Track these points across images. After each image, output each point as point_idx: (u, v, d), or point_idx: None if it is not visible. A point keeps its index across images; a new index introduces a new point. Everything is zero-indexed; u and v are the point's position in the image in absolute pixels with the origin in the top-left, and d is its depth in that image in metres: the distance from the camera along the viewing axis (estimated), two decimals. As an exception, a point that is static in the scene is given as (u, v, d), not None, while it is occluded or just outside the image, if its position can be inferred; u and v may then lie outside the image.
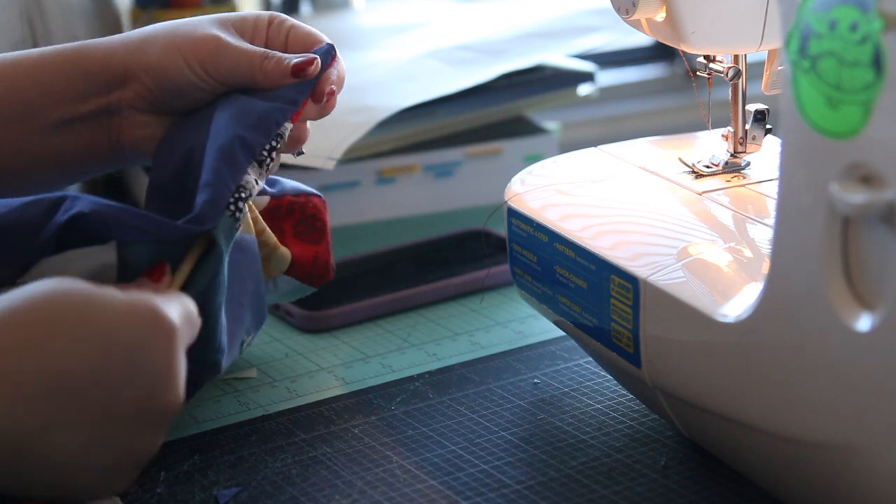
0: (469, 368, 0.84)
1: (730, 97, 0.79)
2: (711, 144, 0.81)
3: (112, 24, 1.16)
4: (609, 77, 1.44)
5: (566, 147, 0.94)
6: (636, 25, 0.79)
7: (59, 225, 0.67)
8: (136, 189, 1.11)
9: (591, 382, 0.81)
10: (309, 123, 0.79)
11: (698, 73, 0.80)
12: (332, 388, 0.82)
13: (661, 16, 0.77)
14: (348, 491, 0.71)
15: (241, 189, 0.71)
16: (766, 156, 0.80)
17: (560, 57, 1.16)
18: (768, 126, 0.79)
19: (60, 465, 0.60)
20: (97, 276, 0.67)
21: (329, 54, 0.76)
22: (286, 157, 1.03)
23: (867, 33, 0.55)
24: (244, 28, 0.76)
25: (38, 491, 0.61)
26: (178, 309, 0.63)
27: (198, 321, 0.65)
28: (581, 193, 0.79)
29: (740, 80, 0.79)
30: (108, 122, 0.76)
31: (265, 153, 0.73)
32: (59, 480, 0.61)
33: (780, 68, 0.77)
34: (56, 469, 0.60)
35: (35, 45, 1.00)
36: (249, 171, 0.72)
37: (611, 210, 0.76)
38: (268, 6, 1.39)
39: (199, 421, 0.78)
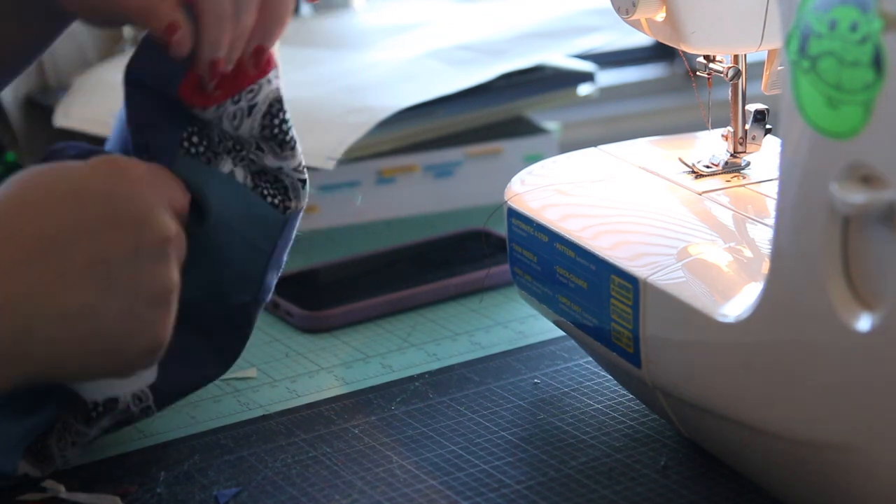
0: (469, 368, 0.84)
1: (730, 97, 0.79)
2: (711, 144, 0.81)
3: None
4: (609, 77, 1.44)
5: (566, 147, 0.94)
6: (636, 25, 0.79)
7: None
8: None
9: (591, 382, 0.81)
10: (309, 123, 0.80)
11: (698, 73, 0.80)
12: (332, 388, 0.82)
13: (661, 16, 0.77)
14: (348, 491, 0.71)
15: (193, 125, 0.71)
16: (766, 156, 0.80)
17: (560, 57, 1.16)
18: (768, 126, 0.79)
19: (80, 328, 0.62)
20: None
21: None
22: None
23: (867, 33, 0.55)
24: None
25: (79, 369, 0.65)
26: (149, 169, 0.66)
27: (166, 173, 0.68)
28: (581, 193, 0.79)
29: (740, 80, 0.79)
30: None
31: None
32: (92, 348, 0.63)
33: (780, 68, 0.77)
34: (80, 334, 0.62)
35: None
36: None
37: (611, 210, 0.76)
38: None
39: (199, 421, 0.78)
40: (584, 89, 1.17)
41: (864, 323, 0.57)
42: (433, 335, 0.89)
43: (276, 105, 0.71)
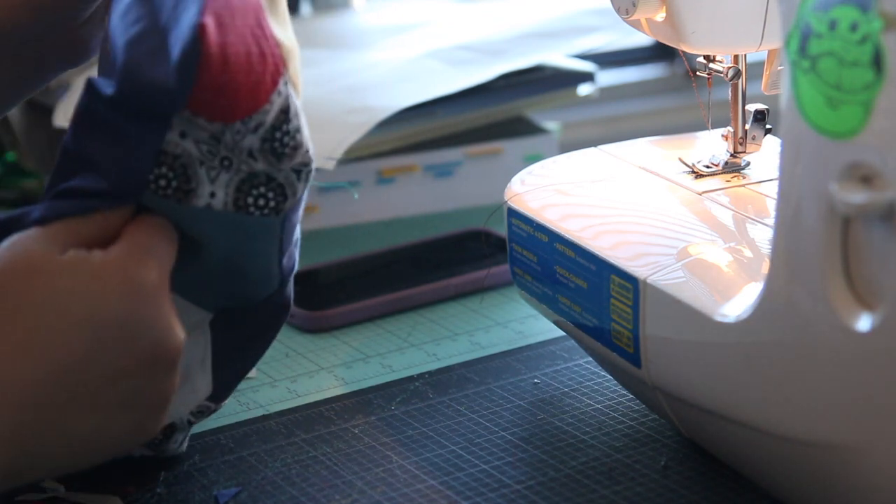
0: (469, 368, 0.84)
1: (730, 97, 0.79)
2: (711, 144, 0.81)
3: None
4: (609, 77, 1.44)
5: (566, 147, 0.94)
6: (636, 25, 0.79)
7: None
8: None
9: (591, 382, 0.81)
10: (309, 123, 0.79)
11: (698, 73, 0.80)
12: (332, 388, 0.82)
13: (661, 16, 0.77)
14: (348, 491, 0.71)
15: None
16: (766, 156, 0.80)
17: (560, 57, 1.16)
18: (768, 126, 0.79)
19: (83, 447, 0.61)
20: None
21: None
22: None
23: (867, 33, 0.55)
24: None
25: (68, 468, 0.63)
26: (152, 255, 0.62)
27: (175, 239, 0.64)
28: (581, 193, 0.79)
29: (740, 80, 0.79)
30: None
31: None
32: (84, 452, 0.62)
33: (780, 68, 0.77)
34: (80, 450, 0.61)
35: None
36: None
37: (611, 210, 0.76)
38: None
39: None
40: (584, 89, 1.17)
41: (864, 323, 0.57)
42: (433, 335, 0.89)
43: (282, 116, 0.63)
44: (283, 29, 0.64)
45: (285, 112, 0.63)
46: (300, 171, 0.66)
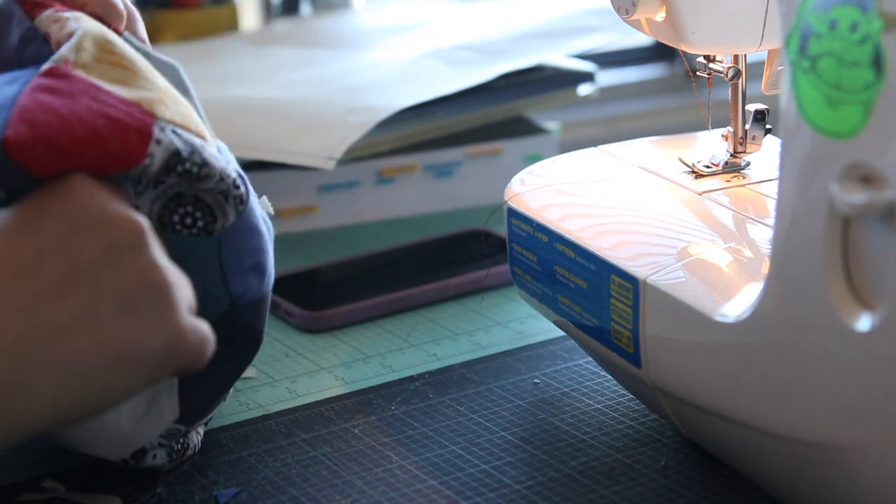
0: (469, 368, 0.84)
1: (730, 97, 0.79)
2: (711, 144, 0.81)
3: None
4: (609, 77, 1.44)
5: (566, 147, 0.94)
6: (636, 25, 0.79)
7: None
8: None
9: (591, 382, 0.81)
10: (309, 123, 0.78)
11: (698, 73, 0.80)
12: (332, 388, 0.82)
13: (661, 16, 0.77)
14: (348, 491, 0.71)
15: None
16: (766, 156, 0.80)
17: (560, 57, 1.16)
18: (768, 126, 0.79)
19: (80, 342, 0.59)
20: None
21: None
22: (283, 158, 1.03)
23: (867, 33, 0.55)
24: None
25: (104, 389, 0.60)
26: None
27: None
28: (581, 193, 0.79)
29: (740, 80, 0.79)
30: None
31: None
32: (105, 360, 0.59)
33: (780, 68, 0.77)
34: (83, 348, 0.59)
35: None
36: None
37: (611, 210, 0.76)
38: (268, 7, 1.39)
39: (199, 421, 0.78)
40: (584, 89, 1.17)
41: (864, 323, 0.57)
42: (433, 335, 0.89)
43: (174, 159, 0.65)
44: (141, 85, 0.66)
45: (177, 154, 0.65)
46: (227, 195, 0.68)
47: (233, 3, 1.32)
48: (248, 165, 1.06)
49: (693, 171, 0.79)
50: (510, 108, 1.14)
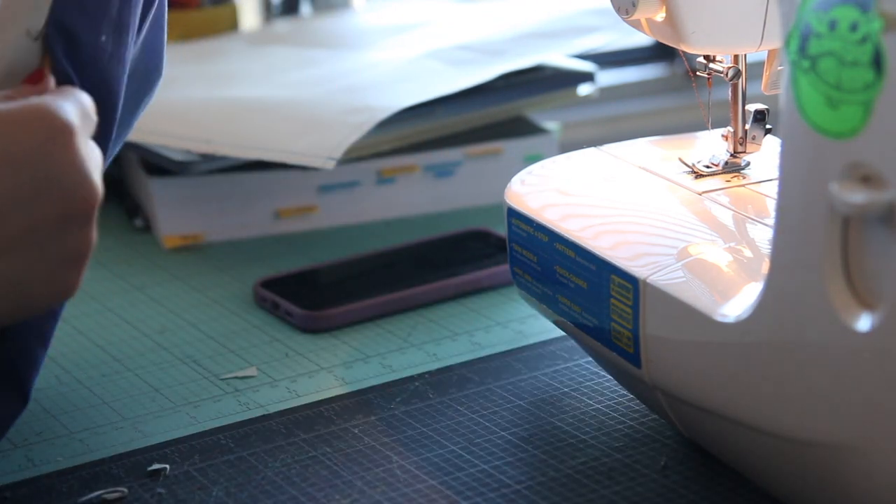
0: (469, 368, 0.84)
1: (730, 97, 0.79)
2: (711, 144, 0.81)
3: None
4: (609, 77, 1.44)
5: (566, 147, 0.94)
6: (636, 25, 0.79)
7: None
8: (135, 189, 1.11)
9: (591, 382, 0.81)
10: (309, 123, 0.78)
11: (698, 73, 0.80)
12: (332, 388, 0.82)
13: (661, 16, 0.77)
14: (348, 491, 0.71)
15: None
16: (766, 156, 0.80)
17: (560, 57, 1.16)
18: (768, 126, 0.79)
19: None
20: None
21: None
22: (283, 158, 1.03)
23: (867, 33, 0.55)
24: None
25: None
26: (72, 103, 0.63)
27: (94, 109, 0.65)
28: (581, 193, 0.79)
29: (740, 80, 0.79)
30: None
31: None
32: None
33: (780, 68, 0.77)
34: None
35: None
36: None
37: (611, 210, 0.76)
38: (268, 7, 1.39)
39: (199, 421, 0.78)
40: (584, 89, 1.17)
41: (864, 323, 0.57)
42: (433, 335, 0.89)
43: None
44: None
45: None
46: None
47: (233, 3, 1.32)
48: (249, 165, 1.06)
49: (693, 171, 0.79)
50: (510, 108, 1.14)
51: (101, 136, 0.70)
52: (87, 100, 0.65)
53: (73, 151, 0.61)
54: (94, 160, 0.63)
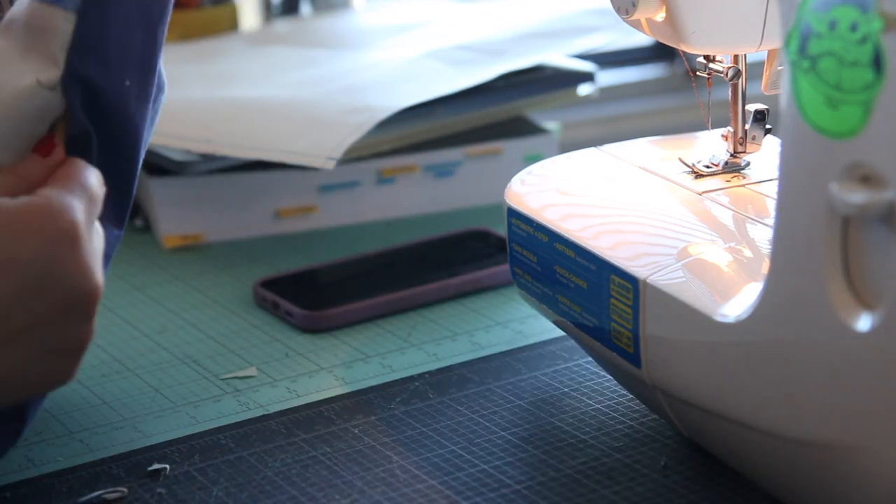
0: (469, 368, 0.84)
1: (730, 97, 0.79)
2: (711, 144, 0.81)
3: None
4: (609, 77, 1.44)
5: (566, 147, 0.94)
6: (636, 25, 0.79)
7: None
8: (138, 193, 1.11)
9: (591, 382, 0.81)
10: (309, 123, 0.78)
11: (698, 73, 0.80)
12: (332, 388, 0.82)
13: (660, 16, 0.77)
14: (348, 491, 0.71)
15: None
16: (766, 156, 0.80)
17: (560, 57, 1.16)
18: (768, 126, 0.79)
19: None
20: None
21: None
22: (283, 158, 1.03)
23: (867, 33, 0.55)
24: None
25: None
26: (79, 197, 0.62)
27: (102, 188, 0.65)
28: (581, 193, 0.79)
29: (740, 80, 0.79)
30: None
31: None
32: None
33: (780, 68, 0.77)
34: None
35: None
36: None
37: (611, 210, 0.76)
38: (268, 7, 1.39)
39: (199, 421, 0.78)
40: (584, 89, 1.17)
41: (864, 323, 0.57)
42: (433, 335, 0.89)
43: None
44: None
45: None
46: None
47: (233, 3, 1.32)
48: (249, 165, 1.06)
49: (693, 171, 0.79)
50: (510, 108, 1.14)
51: (126, 178, 0.70)
52: (94, 182, 0.64)
53: (78, 252, 0.61)
54: (97, 253, 0.63)
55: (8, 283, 0.59)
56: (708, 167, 0.79)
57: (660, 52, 1.49)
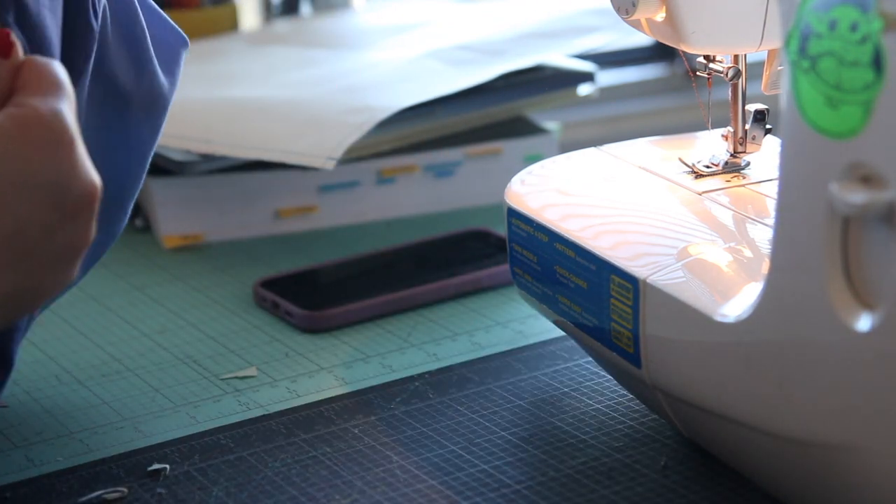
0: (469, 368, 0.84)
1: (730, 97, 0.79)
2: (711, 144, 0.81)
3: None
4: (609, 77, 1.44)
5: (566, 147, 0.94)
6: (636, 25, 0.79)
7: None
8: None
9: (591, 382, 0.81)
10: (309, 123, 0.78)
11: (698, 73, 0.80)
12: (332, 388, 0.82)
13: (660, 16, 0.77)
14: (348, 491, 0.71)
15: None
16: (766, 156, 0.80)
17: (560, 57, 1.16)
18: (768, 126, 0.79)
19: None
20: None
21: None
22: (283, 158, 1.03)
23: (867, 33, 0.55)
24: None
25: None
26: (63, 100, 0.61)
27: (69, 81, 0.63)
28: (581, 193, 0.79)
29: (740, 80, 0.79)
30: None
31: None
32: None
33: (780, 68, 0.77)
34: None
35: None
36: None
37: (611, 210, 0.76)
38: (268, 7, 1.39)
39: (199, 421, 0.78)
40: (584, 89, 1.17)
41: (864, 323, 0.57)
42: (433, 335, 0.89)
43: None
44: None
45: None
46: None
47: (233, 3, 1.32)
48: (249, 165, 1.06)
49: (693, 171, 0.79)
50: (510, 108, 1.14)
51: None
52: (65, 77, 0.62)
53: (76, 155, 0.60)
54: (84, 149, 0.61)
55: (23, 203, 0.58)
56: (708, 167, 0.79)
57: (660, 52, 1.49)
